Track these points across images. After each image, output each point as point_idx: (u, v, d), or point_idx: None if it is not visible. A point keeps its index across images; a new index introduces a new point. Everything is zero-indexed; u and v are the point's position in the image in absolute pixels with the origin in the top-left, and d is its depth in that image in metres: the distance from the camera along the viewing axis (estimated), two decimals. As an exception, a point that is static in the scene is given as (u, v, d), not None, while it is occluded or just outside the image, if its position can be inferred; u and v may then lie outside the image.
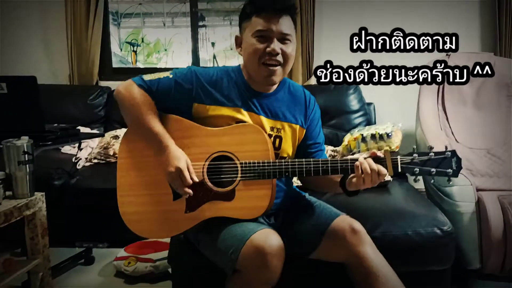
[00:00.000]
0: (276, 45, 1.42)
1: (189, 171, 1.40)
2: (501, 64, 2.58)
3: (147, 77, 1.49)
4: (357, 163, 1.35)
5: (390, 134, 2.39)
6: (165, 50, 4.51)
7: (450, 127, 2.47)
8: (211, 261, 1.48)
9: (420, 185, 2.51)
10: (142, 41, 4.42)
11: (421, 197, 2.10)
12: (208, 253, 1.50)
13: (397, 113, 3.05)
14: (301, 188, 1.81)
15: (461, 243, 1.97)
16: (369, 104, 3.04)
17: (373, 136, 2.43)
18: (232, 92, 1.50)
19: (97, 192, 2.48)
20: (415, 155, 1.36)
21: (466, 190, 2.01)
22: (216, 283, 1.50)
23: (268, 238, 1.32)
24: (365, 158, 1.36)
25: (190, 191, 1.39)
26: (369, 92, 3.04)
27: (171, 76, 1.49)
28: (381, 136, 2.34)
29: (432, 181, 2.26)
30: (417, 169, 1.36)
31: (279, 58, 1.44)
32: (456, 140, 2.42)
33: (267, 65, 1.44)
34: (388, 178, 2.24)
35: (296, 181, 2.11)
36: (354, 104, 2.93)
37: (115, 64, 3.78)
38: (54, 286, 1.86)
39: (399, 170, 1.36)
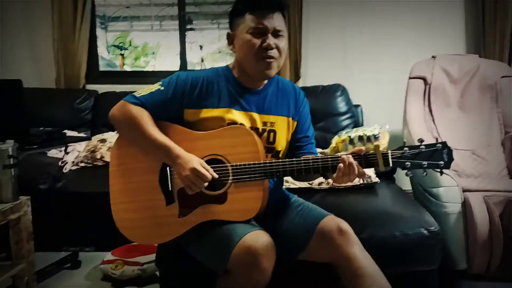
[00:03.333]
0: (271, 40, 1.44)
1: (205, 169, 1.39)
2: (486, 66, 2.62)
3: (138, 93, 1.49)
4: (340, 165, 1.36)
5: (377, 136, 2.40)
6: (153, 53, 4.49)
7: (436, 128, 2.50)
8: (201, 263, 1.48)
9: (407, 186, 2.54)
10: (130, 45, 4.40)
11: (408, 198, 2.11)
12: (198, 254, 1.49)
13: (384, 115, 3.07)
14: (290, 190, 1.82)
15: (448, 244, 1.98)
16: (357, 106, 3.06)
17: (360, 138, 2.44)
18: (222, 92, 1.51)
19: (83, 195, 2.46)
20: (405, 149, 1.35)
21: (452, 191, 2.02)
22: (204, 286, 1.50)
23: (259, 239, 1.32)
24: (352, 155, 1.37)
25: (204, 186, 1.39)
26: (356, 94, 3.06)
27: (162, 88, 1.49)
28: (368, 138, 2.35)
29: (419, 182, 2.28)
30: (408, 163, 1.34)
31: (274, 52, 1.46)
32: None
33: (263, 59, 1.45)
34: (374, 179, 2.26)
35: (284, 184, 2.12)
36: (341, 106, 2.95)
37: (102, 68, 3.75)
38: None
39: (391, 165, 1.36)
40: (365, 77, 3.25)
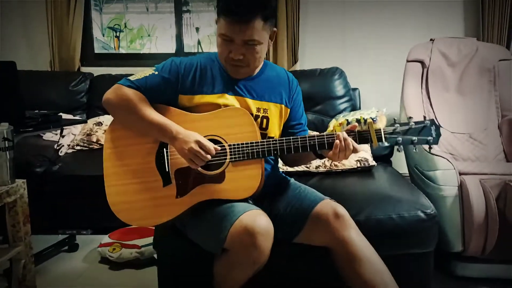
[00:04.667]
0: (237, 52, 1.42)
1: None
2: (484, 49, 2.60)
3: (132, 77, 1.49)
4: (336, 142, 1.38)
5: (374, 119, 2.39)
6: (149, 35, 4.43)
7: (433, 112, 2.50)
8: (198, 244, 1.48)
9: (404, 169, 2.55)
10: (125, 27, 4.33)
11: (405, 182, 2.12)
12: (195, 236, 1.50)
13: (381, 98, 3.08)
14: (287, 173, 1.82)
15: (444, 226, 2.00)
16: (354, 89, 3.04)
17: (358, 121, 2.43)
18: (216, 78, 1.51)
19: (80, 178, 2.45)
20: (396, 125, 1.40)
21: (449, 174, 2.03)
22: (202, 268, 1.51)
23: (257, 218, 1.33)
24: (347, 132, 1.40)
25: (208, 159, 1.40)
26: (354, 78, 3.04)
27: (156, 72, 1.49)
28: (366, 121, 2.35)
29: (416, 165, 2.29)
30: (399, 139, 1.40)
31: (242, 61, 1.45)
32: (439, 125, 2.44)
33: (232, 65, 1.47)
34: (371, 162, 2.26)
35: (282, 167, 2.12)
36: (339, 89, 2.93)
37: (97, 50, 3.71)
38: (36, 273, 1.84)
39: (383, 140, 1.39)
40: (363, 60, 3.23)
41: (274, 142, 1.43)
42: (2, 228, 1.76)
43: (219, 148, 1.42)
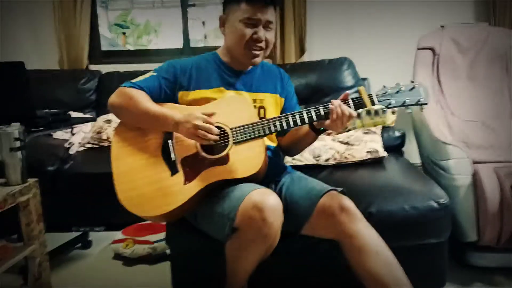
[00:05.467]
0: (262, 33, 1.54)
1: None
2: (496, 35, 2.56)
3: (133, 80, 1.59)
4: (331, 107, 1.43)
5: (385, 110, 2.37)
6: (155, 31, 4.44)
7: (445, 99, 2.46)
8: (209, 234, 1.50)
9: (416, 159, 2.52)
10: (131, 23, 4.34)
11: (417, 172, 2.10)
12: (205, 223, 1.52)
13: (391, 88, 3.03)
14: (297, 167, 1.81)
15: (458, 216, 1.98)
16: (364, 79, 3.01)
17: (368, 112, 2.41)
18: (211, 75, 1.62)
19: (91, 176, 2.46)
20: (386, 88, 1.46)
21: (462, 163, 2.01)
22: (214, 262, 1.51)
23: (266, 195, 1.35)
24: (341, 100, 1.46)
25: (217, 132, 1.44)
26: (363, 67, 3.01)
27: (155, 74, 1.61)
28: (376, 112, 2.32)
29: (428, 155, 2.26)
30: (392, 101, 1.44)
31: (263, 44, 1.57)
32: (451, 113, 2.41)
33: (252, 49, 1.56)
34: (382, 153, 2.24)
35: (291, 161, 2.11)
36: (348, 80, 2.90)
37: (104, 47, 3.72)
38: (51, 270, 1.86)
39: (376, 103, 1.44)
40: (372, 50, 3.19)
41: (273, 119, 1.49)
42: (16, 227, 1.78)
43: (218, 131, 1.45)
